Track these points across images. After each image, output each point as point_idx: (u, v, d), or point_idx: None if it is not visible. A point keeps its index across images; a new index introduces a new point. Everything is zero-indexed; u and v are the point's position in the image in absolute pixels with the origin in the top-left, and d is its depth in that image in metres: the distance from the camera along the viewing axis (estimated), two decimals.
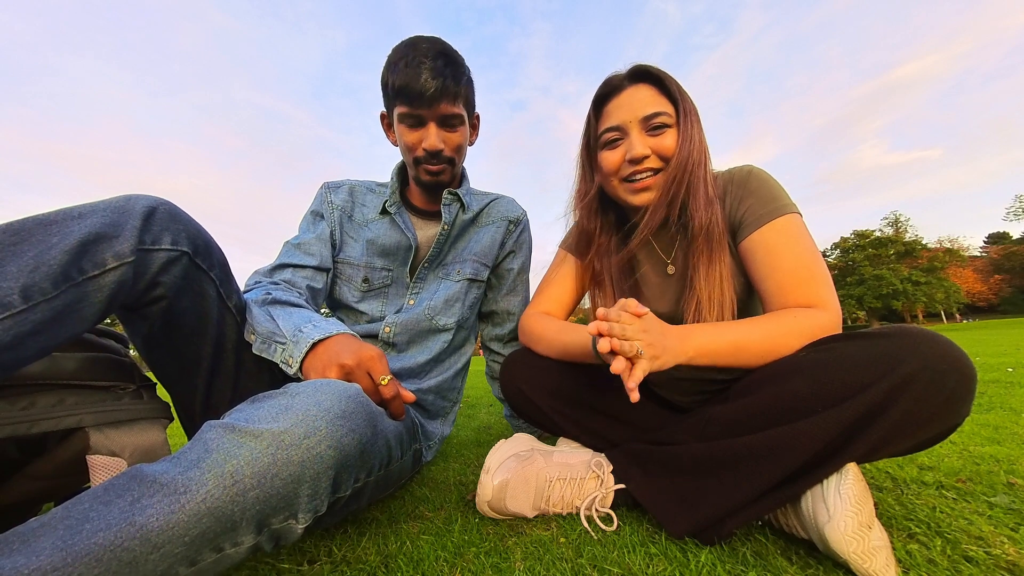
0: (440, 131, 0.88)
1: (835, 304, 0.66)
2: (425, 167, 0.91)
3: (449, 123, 0.88)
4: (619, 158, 0.78)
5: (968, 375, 0.51)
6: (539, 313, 0.91)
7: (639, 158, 0.75)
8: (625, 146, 0.78)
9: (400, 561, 0.58)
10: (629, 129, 0.77)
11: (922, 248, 36.83)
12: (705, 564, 0.54)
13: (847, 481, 0.53)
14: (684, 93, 0.78)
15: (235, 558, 0.42)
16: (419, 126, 0.87)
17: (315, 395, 0.49)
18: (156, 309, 0.58)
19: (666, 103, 0.77)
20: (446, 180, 0.95)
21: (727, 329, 0.65)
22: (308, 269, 0.91)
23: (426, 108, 0.84)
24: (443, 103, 0.84)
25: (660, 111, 0.75)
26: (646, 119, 0.76)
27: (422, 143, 0.88)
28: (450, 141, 0.90)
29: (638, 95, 0.77)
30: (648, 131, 0.76)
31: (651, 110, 0.75)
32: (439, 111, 0.85)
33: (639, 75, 0.79)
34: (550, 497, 0.71)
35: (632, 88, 0.79)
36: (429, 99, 0.83)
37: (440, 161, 0.91)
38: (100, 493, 0.37)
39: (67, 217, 0.47)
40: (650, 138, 0.76)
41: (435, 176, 0.93)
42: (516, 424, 1.20)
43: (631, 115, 0.77)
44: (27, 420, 0.51)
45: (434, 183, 0.94)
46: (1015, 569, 0.50)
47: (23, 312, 0.42)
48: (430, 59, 0.82)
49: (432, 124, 0.87)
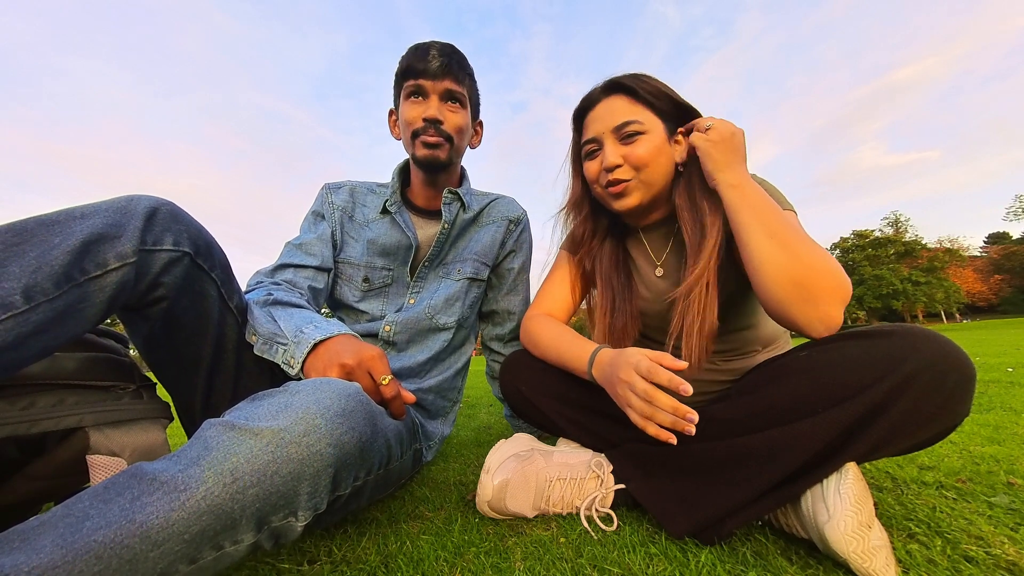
0: (442, 105, 0.91)
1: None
2: (423, 138, 0.90)
3: (452, 98, 0.91)
4: (597, 167, 0.81)
5: (968, 374, 0.51)
6: (540, 315, 0.92)
7: (611, 167, 0.78)
8: (601, 156, 0.81)
9: (400, 561, 0.58)
10: (604, 140, 0.80)
11: (922, 248, 36.83)
12: (705, 564, 0.54)
13: (847, 481, 0.53)
14: (663, 95, 0.79)
15: (235, 556, 0.42)
16: (422, 98, 0.90)
17: (315, 393, 0.49)
18: (157, 309, 0.58)
19: (640, 110, 0.79)
20: (442, 157, 0.92)
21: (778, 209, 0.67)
22: (309, 269, 0.92)
23: (430, 80, 0.88)
24: (447, 79, 0.89)
25: (631, 120, 0.78)
26: (617, 129, 0.78)
27: (423, 114, 0.89)
28: (451, 119, 0.91)
29: (611, 107, 0.81)
30: (621, 140, 0.78)
31: (621, 120, 0.78)
32: (442, 85, 0.89)
33: (612, 87, 0.83)
34: (550, 497, 0.71)
35: (606, 100, 0.82)
36: (434, 72, 0.88)
37: (439, 133, 0.90)
38: (100, 491, 0.37)
39: (69, 217, 0.48)
40: (623, 147, 0.78)
41: (432, 149, 0.91)
42: (516, 424, 1.20)
43: (603, 127, 0.80)
44: (27, 420, 0.51)
45: (430, 158, 0.92)
46: (1015, 569, 0.50)
47: (25, 312, 0.43)
48: (439, 44, 0.90)
49: (434, 97, 0.90)
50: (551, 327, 0.86)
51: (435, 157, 0.92)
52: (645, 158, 0.77)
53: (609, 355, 0.70)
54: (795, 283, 0.60)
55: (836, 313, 0.60)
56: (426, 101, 0.90)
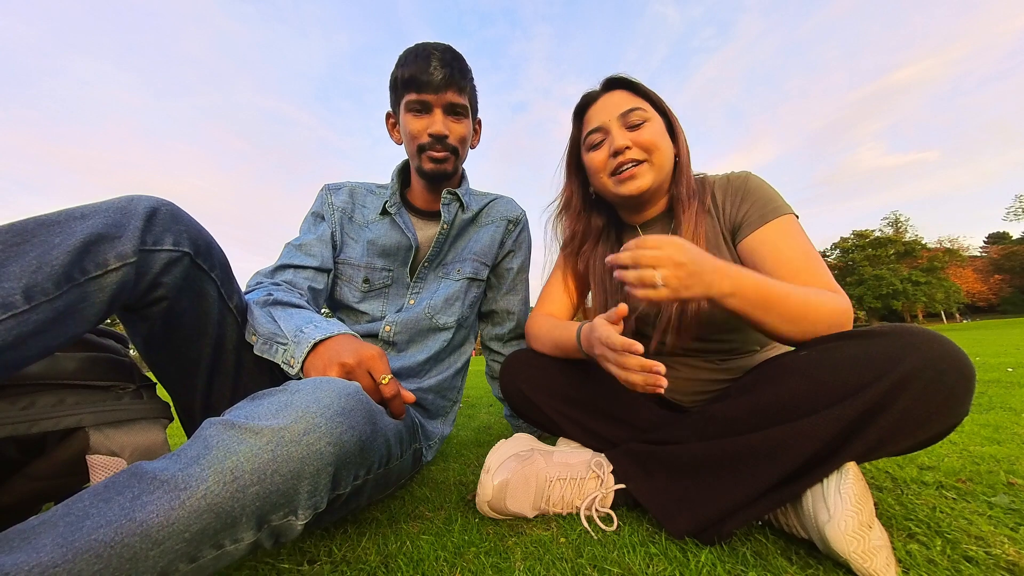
0: (446, 118, 0.90)
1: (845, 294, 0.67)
2: (429, 153, 0.91)
3: (455, 112, 0.91)
4: (604, 155, 0.82)
5: (967, 374, 0.51)
6: (543, 315, 0.94)
7: (621, 148, 0.79)
8: (608, 142, 0.82)
9: (400, 561, 0.58)
10: (610, 127, 0.81)
11: (922, 248, 36.84)
12: (705, 564, 0.54)
13: (847, 481, 0.53)
14: (659, 96, 0.83)
15: (235, 555, 0.42)
16: (426, 113, 0.89)
17: (315, 392, 0.49)
18: (157, 310, 0.58)
19: (641, 100, 0.82)
20: (449, 170, 0.94)
21: (766, 278, 0.63)
22: (309, 270, 0.92)
23: (433, 94, 0.87)
24: (450, 92, 0.88)
25: (636, 107, 0.80)
26: (624, 115, 0.80)
27: (427, 129, 0.89)
28: (455, 131, 0.91)
29: (614, 99, 0.83)
30: (628, 127, 0.80)
31: (628, 106, 0.80)
32: (445, 98, 0.88)
33: (612, 83, 0.85)
34: (550, 497, 0.71)
35: (607, 94, 0.84)
36: (436, 86, 0.86)
37: (444, 148, 0.91)
38: (100, 490, 0.37)
39: (69, 217, 0.48)
40: (630, 132, 0.80)
41: (438, 164, 0.92)
42: (516, 424, 1.20)
43: (609, 115, 0.82)
44: (27, 420, 0.51)
45: (437, 172, 0.93)
46: (1015, 569, 0.50)
47: (25, 312, 0.43)
48: (439, 52, 0.87)
49: (438, 111, 0.89)
50: (548, 321, 0.88)
51: (443, 171, 0.94)
52: (655, 140, 0.79)
53: (585, 331, 0.72)
54: (803, 336, 0.63)
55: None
56: (430, 115, 0.89)
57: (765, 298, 0.60)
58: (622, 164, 0.79)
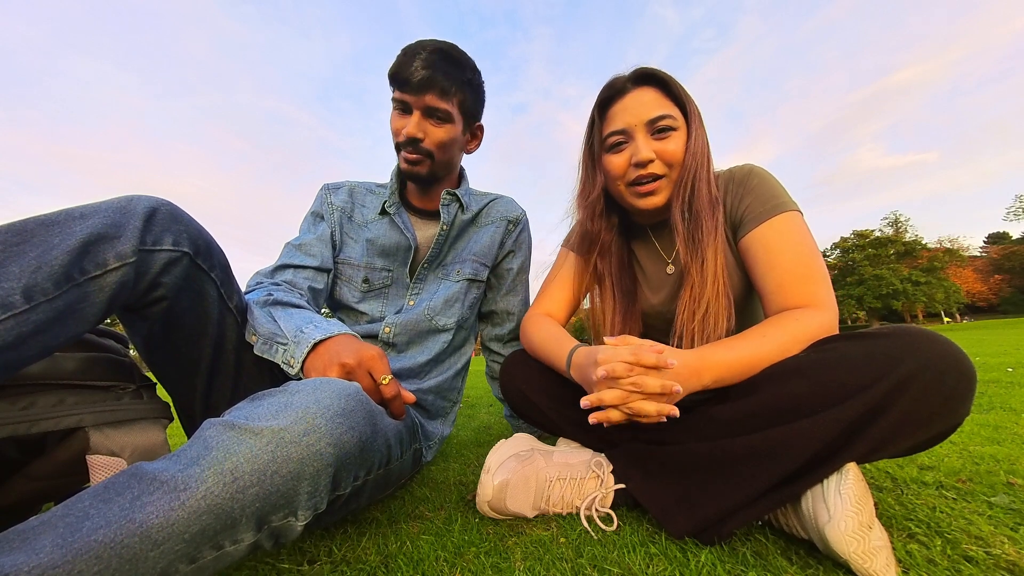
0: (423, 121, 0.87)
1: (833, 303, 0.66)
2: (403, 155, 0.91)
3: (434, 115, 0.87)
4: (624, 162, 0.77)
5: (968, 375, 0.51)
6: (539, 315, 0.92)
7: (644, 161, 0.74)
8: (630, 150, 0.77)
9: (400, 561, 0.58)
10: (635, 133, 0.76)
11: (922, 248, 36.83)
12: (705, 564, 0.54)
13: (847, 481, 0.53)
14: (689, 96, 0.78)
15: (235, 556, 0.42)
16: (406, 112, 0.88)
17: (315, 393, 0.49)
18: (157, 310, 0.58)
19: (671, 106, 0.77)
20: (423, 173, 0.92)
21: (739, 348, 0.64)
22: (309, 270, 0.92)
23: (412, 95, 0.85)
24: (430, 94, 0.84)
25: (666, 114, 0.74)
26: (651, 122, 0.75)
27: (402, 129, 0.88)
28: (432, 134, 0.89)
29: (643, 98, 0.76)
30: (653, 134, 0.75)
31: (656, 113, 0.75)
32: (424, 101, 0.85)
33: (643, 78, 0.78)
34: (550, 497, 0.71)
35: (636, 91, 0.78)
36: (415, 87, 0.83)
37: (417, 151, 0.89)
38: (100, 491, 0.37)
39: (69, 217, 0.48)
40: (655, 142, 0.75)
41: (411, 166, 0.91)
42: (516, 424, 1.20)
43: (636, 118, 0.76)
44: (27, 420, 0.51)
45: (411, 173, 0.93)
46: (1015, 569, 0.50)
47: (25, 312, 0.43)
48: (426, 52, 0.84)
49: (417, 112, 0.87)
50: (544, 327, 0.86)
51: (415, 173, 0.92)
52: (679, 155, 0.75)
53: (583, 354, 0.70)
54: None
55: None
56: (408, 116, 0.87)
57: (746, 366, 0.63)
58: (642, 177, 0.76)
